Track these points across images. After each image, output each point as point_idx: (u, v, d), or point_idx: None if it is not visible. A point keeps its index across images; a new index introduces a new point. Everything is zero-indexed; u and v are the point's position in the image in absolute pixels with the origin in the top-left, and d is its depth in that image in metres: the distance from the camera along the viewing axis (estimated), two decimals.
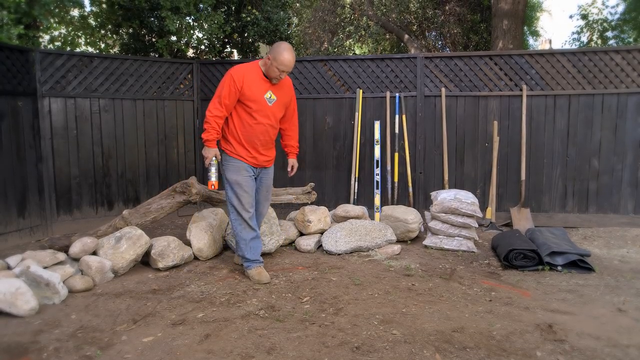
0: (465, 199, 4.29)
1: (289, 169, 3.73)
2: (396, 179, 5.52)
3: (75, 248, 3.47)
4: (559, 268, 3.61)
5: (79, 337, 2.53)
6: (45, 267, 3.18)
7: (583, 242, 4.51)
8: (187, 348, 2.37)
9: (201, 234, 3.97)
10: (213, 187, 3.43)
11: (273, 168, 3.66)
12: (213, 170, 3.40)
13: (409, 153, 5.52)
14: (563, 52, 5.21)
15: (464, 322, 2.66)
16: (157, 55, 6.81)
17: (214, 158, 3.38)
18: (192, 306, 2.95)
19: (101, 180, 5.30)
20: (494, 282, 3.40)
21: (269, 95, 3.36)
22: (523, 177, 5.23)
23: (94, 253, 3.55)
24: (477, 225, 4.34)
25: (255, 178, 3.50)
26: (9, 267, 3.20)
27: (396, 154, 5.51)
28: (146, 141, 5.64)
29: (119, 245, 3.58)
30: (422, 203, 5.53)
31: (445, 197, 4.34)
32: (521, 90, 5.26)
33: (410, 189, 5.49)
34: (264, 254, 4.04)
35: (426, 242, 4.38)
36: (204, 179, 6.08)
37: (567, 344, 2.38)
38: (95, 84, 5.21)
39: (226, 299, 3.08)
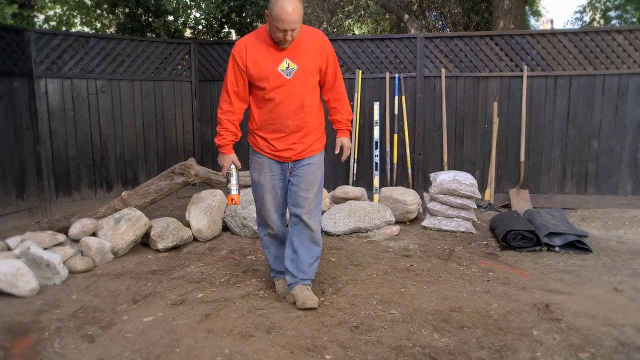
0: (464, 180, 4.29)
1: (336, 151, 2.82)
2: (395, 161, 5.51)
3: (75, 229, 3.48)
4: (557, 249, 3.63)
5: (80, 317, 2.55)
6: (45, 248, 3.19)
7: (581, 223, 4.53)
8: (187, 327, 2.40)
9: (200, 215, 3.98)
10: (234, 202, 2.72)
11: (320, 156, 2.73)
12: (233, 182, 2.71)
13: (409, 134, 5.50)
14: (565, 32, 5.15)
15: (461, 301, 2.69)
16: (154, 36, 6.73)
17: (232, 166, 2.71)
18: (192, 286, 2.97)
19: (99, 161, 5.28)
20: (492, 263, 3.42)
21: (286, 65, 2.49)
22: (522, 158, 5.23)
23: (94, 234, 3.57)
24: (475, 207, 4.35)
25: (289, 175, 2.71)
26: (9, 248, 3.21)
27: (395, 135, 5.49)
28: (144, 122, 5.61)
29: (119, 226, 3.59)
30: (421, 184, 5.54)
31: (445, 178, 4.34)
32: (522, 70, 5.22)
33: (410, 171, 5.49)
34: None
35: (425, 223, 4.40)
36: (203, 160, 6.09)
37: (564, 322, 2.40)
38: (92, 64, 5.16)
39: (226, 279, 3.10)
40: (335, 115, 2.80)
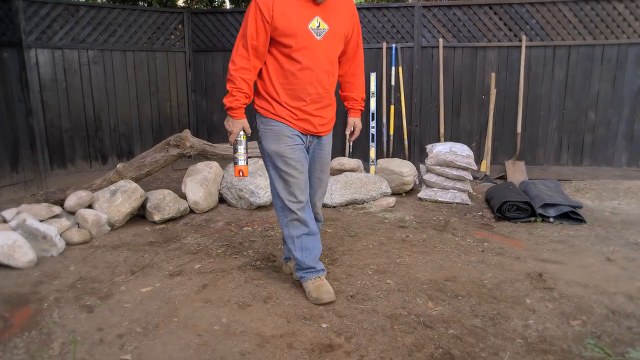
0: (460, 151, 4.28)
1: (347, 131, 2.59)
2: (392, 132, 5.48)
3: (71, 201, 3.47)
4: (551, 219, 3.66)
5: (78, 288, 2.57)
6: (41, 221, 3.19)
7: (576, 194, 4.55)
8: (185, 298, 2.42)
9: (196, 187, 3.97)
10: (242, 174, 2.35)
11: (331, 137, 2.51)
12: (241, 150, 2.33)
13: (405, 105, 5.46)
14: (565, 1, 5.06)
15: (456, 271, 2.72)
16: (145, 5, 6.57)
17: (241, 133, 2.32)
18: (189, 258, 2.99)
19: (94, 133, 5.23)
20: (487, 233, 3.45)
21: (317, 24, 2.19)
22: (519, 130, 5.21)
23: (90, 206, 3.56)
24: (471, 178, 4.36)
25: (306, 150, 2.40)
26: (4, 221, 3.20)
27: (392, 107, 5.45)
28: (138, 94, 5.54)
29: (114, 198, 3.58)
30: (418, 156, 5.54)
31: (441, 149, 4.34)
32: (520, 40, 5.15)
33: (406, 142, 5.47)
34: (259, 207, 4.08)
35: (421, 194, 4.41)
36: (198, 132, 6.04)
37: (556, 291, 2.44)
38: (83, 34, 5.05)
39: (222, 250, 3.12)
40: (350, 92, 2.53)
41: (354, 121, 2.58)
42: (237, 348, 1.96)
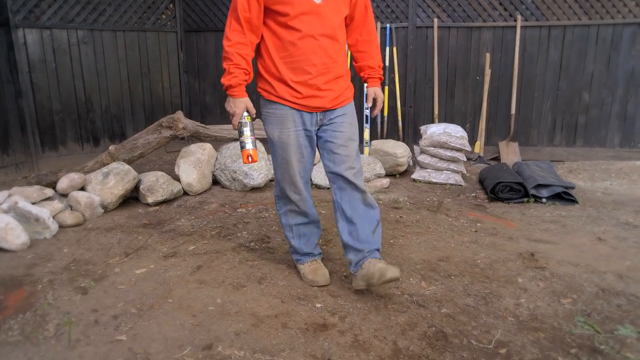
0: (454, 132, 4.28)
1: (367, 104, 2.36)
2: (386, 113, 5.46)
3: (63, 184, 3.45)
4: (544, 200, 3.68)
5: (72, 270, 2.57)
6: (33, 203, 3.16)
7: (568, 175, 4.58)
8: (179, 279, 2.43)
9: (190, 169, 3.95)
10: (251, 159, 2.11)
11: (352, 106, 2.26)
12: (246, 133, 2.11)
13: (399, 86, 5.42)
14: None
15: (449, 251, 2.74)
16: None
17: (245, 113, 2.13)
18: (183, 239, 2.99)
19: (85, 115, 5.17)
20: (480, 214, 3.47)
21: None
22: (513, 110, 5.20)
23: (82, 189, 3.54)
24: (465, 159, 4.37)
25: (317, 131, 2.20)
26: None
27: (386, 88, 5.41)
28: (129, 75, 5.46)
29: (107, 180, 3.56)
30: (412, 137, 5.53)
31: (435, 130, 4.33)
32: (515, 20, 5.11)
33: (400, 123, 5.45)
34: (253, 189, 4.07)
35: (415, 175, 4.42)
36: (191, 113, 5.99)
37: (548, 270, 2.47)
38: (72, 13, 4.95)
39: (217, 232, 3.12)
40: (365, 61, 2.28)
41: (374, 91, 2.31)
42: (232, 328, 1.97)
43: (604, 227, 3.16)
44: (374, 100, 2.33)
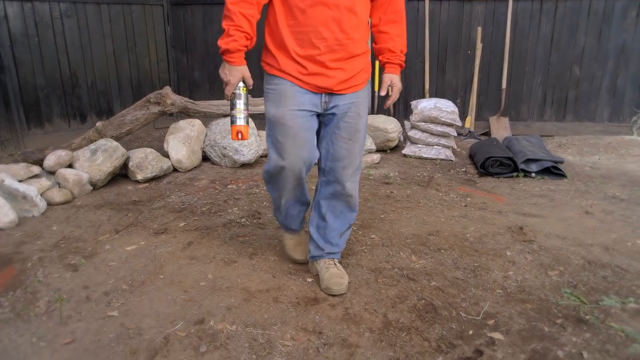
0: (445, 107, 4.27)
1: (382, 92, 2.02)
2: (376, 88, 5.42)
3: (50, 161, 3.40)
4: (533, 175, 3.71)
5: (62, 247, 2.55)
6: (20, 181, 3.12)
7: (558, 149, 4.61)
8: (170, 255, 2.43)
9: (179, 146, 3.91)
10: (241, 136, 1.88)
11: (365, 91, 1.99)
12: (239, 107, 1.87)
13: None
14: None
15: (439, 226, 2.76)
16: None
17: (240, 84, 1.85)
18: (173, 216, 2.98)
19: (70, 91, 5.07)
20: (470, 189, 3.49)
21: None
22: (504, 85, 5.19)
23: (70, 166, 3.49)
24: (456, 134, 4.37)
25: (320, 115, 1.96)
26: None
27: (377, 62, 5.36)
28: (115, 50, 5.34)
29: (95, 157, 3.52)
30: (402, 112, 5.50)
31: (426, 105, 4.31)
32: None
33: None
34: (244, 165, 4.05)
35: (405, 151, 4.42)
36: (179, 89, 5.90)
37: (536, 244, 2.50)
38: None
39: (207, 208, 3.11)
40: (385, 43, 1.97)
41: (391, 79, 2.00)
42: (224, 303, 1.98)
43: (592, 200, 3.20)
44: (390, 89, 2.02)
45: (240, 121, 1.88)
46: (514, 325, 1.81)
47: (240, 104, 1.87)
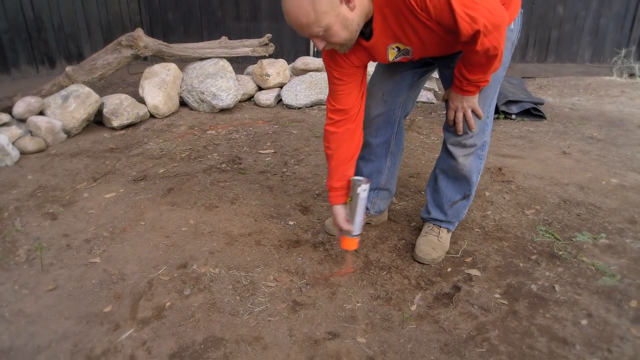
0: None
1: (450, 116, 1.77)
2: None
3: (19, 108, 3.27)
4: (513, 117, 3.72)
5: (39, 197, 2.51)
6: None
7: (538, 91, 4.60)
8: (150, 202, 2.41)
9: (155, 91, 3.79)
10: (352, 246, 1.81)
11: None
12: (357, 219, 1.75)
13: None
14: None
15: (420, 168, 2.78)
16: None
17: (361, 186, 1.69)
18: (152, 163, 2.93)
19: (36, 35, 4.81)
20: None
21: (395, 52, 1.55)
22: None
23: (41, 113, 3.37)
24: (437, 77, 4.31)
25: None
26: None
27: None
28: None
29: (67, 104, 3.39)
30: None
31: None
32: None
33: None
34: (223, 110, 3.96)
35: None
36: (152, 31, 5.65)
37: (514, 184, 2.54)
38: None
39: (187, 154, 3.06)
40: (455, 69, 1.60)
41: (449, 94, 1.71)
42: (206, 247, 1.99)
43: (569, 141, 3.24)
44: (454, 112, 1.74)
45: (357, 231, 1.75)
46: (490, 262, 1.87)
47: (357, 215, 1.72)
